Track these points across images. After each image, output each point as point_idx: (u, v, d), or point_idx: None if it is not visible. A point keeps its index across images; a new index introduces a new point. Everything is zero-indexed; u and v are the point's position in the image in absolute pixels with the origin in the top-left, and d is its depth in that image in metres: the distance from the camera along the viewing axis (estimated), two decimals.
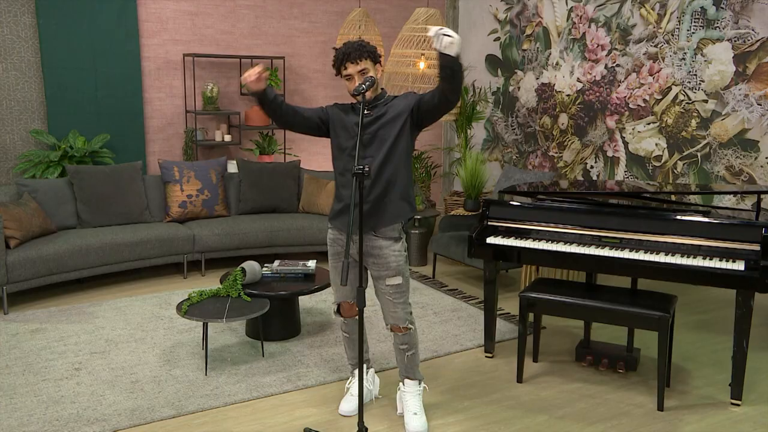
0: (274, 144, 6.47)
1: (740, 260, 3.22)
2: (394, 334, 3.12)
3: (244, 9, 6.44)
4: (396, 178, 2.96)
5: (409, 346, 3.12)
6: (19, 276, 4.49)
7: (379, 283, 3.04)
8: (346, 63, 2.86)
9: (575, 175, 6.36)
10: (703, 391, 3.54)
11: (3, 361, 3.76)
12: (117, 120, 5.98)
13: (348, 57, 2.85)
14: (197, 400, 3.33)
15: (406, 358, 3.14)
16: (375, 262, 3.01)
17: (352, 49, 2.86)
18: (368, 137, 2.94)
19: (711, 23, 5.17)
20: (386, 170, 2.94)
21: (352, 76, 2.88)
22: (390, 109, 2.95)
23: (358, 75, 2.87)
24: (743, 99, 5.03)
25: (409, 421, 3.09)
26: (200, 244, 5.29)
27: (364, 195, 2.94)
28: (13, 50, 5.54)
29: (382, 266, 3.00)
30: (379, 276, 3.02)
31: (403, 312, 3.07)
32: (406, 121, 2.93)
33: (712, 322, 4.58)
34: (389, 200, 2.96)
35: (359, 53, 2.85)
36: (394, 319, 3.07)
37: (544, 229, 3.67)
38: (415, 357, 3.15)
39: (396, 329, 3.10)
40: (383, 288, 3.03)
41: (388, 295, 3.03)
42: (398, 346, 3.13)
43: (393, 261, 2.99)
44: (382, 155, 2.92)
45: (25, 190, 5.01)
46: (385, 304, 3.07)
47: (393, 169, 2.94)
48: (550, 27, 6.47)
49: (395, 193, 2.97)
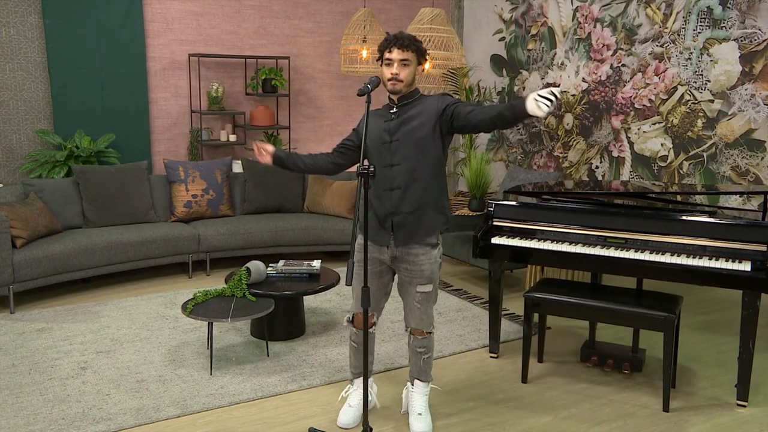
0: (279, 144, 6.48)
1: (746, 261, 3.20)
2: (413, 337, 3.08)
3: (249, 9, 6.45)
4: (428, 189, 2.89)
5: (427, 350, 3.09)
6: (25, 275, 4.51)
7: (409, 289, 2.99)
8: (394, 47, 2.82)
9: (580, 175, 6.35)
10: (709, 392, 3.52)
11: (9, 360, 3.77)
12: (122, 120, 5.99)
13: (399, 41, 2.81)
14: (202, 400, 3.34)
15: (422, 361, 3.11)
16: (408, 269, 2.95)
17: (404, 36, 2.83)
18: (396, 143, 2.87)
19: (717, 23, 5.15)
20: (417, 180, 2.86)
21: (392, 62, 2.83)
22: (419, 111, 2.88)
23: (398, 63, 2.82)
24: (750, 99, 5.01)
25: (414, 421, 3.08)
26: (205, 243, 5.30)
27: (395, 206, 2.89)
28: (19, 50, 5.57)
29: (415, 273, 2.94)
30: (410, 282, 2.97)
31: (428, 318, 3.03)
32: (435, 125, 2.86)
33: (718, 322, 4.56)
34: (422, 213, 2.89)
35: (410, 43, 2.82)
36: (417, 323, 3.04)
37: (549, 230, 3.66)
38: (430, 360, 3.13)
39: (417, 333, 3.06)
40: (412, 293, 2.98)
41: (416, 301, 2.99)
42: (415, 348, 3.09)
43: (427, 269, 2.94)
44: (410, 163, 2.85)
45: (31, 189, 5.03)
46: (412, 309, 3.02)
47: (424, 178, 2.87)
48: (555, 27, 6.46)
49: (428, 206, 2.90)
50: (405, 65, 2.83)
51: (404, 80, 2.84)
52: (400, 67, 2.82)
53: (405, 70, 2.83)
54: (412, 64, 2.85)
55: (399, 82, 2.84)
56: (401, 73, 2.83)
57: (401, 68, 2.82)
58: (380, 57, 2.89)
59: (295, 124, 6.84)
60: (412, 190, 2.88)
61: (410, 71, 2.84)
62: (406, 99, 2.91)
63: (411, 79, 2.86)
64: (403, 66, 2.83)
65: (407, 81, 2.85)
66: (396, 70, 2.82)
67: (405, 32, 2.88)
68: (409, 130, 2.86)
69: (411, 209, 2.88)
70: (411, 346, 3.11)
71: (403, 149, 2.86)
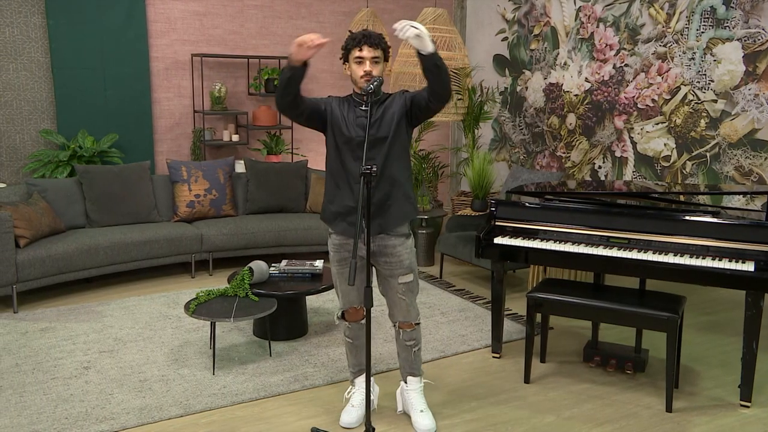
0: (281, 144, 6.48)
1: (750, 261, 3.20)
2: (401, 331, 3.11)
3: (252, 9, 6.46)
4: (398, 178, 2.96)
5: (416, 342, 3.13)
6: (28, 275, 4.52)
7: (391, 282, 3.02)
8: (365, 45, 2.84)
9: (583, 175, 6.34)
10: (712, 393, 3.52)
11: (13, 359, 3.78)
12: (125, 120, 6.00)
13: (369, 39, 2.84)
14: (205, 400, 3.34)
15: (412, 354, 3.14)
16: (387, 261, 2.99)
17: (373, 34, 2.86)
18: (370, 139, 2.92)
19: (721, 23, 5.14)
20: (388, 170, 2.93)
21: (363, 60, 2.86)
22: (387, 109, 2.94)
23: (370, 61, 2.85)
24: (753, 99, 5.00)
25: (418, 419, 3.09)
26: (208, 243, 5.30)
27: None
28: (23, 51, 5.58)
29: (395, 265, 2.98)
30: (392, 274, 3.00)
31: (414, 309, 3.07)
32: (401, 119, 2.92)
33: (721, 323, 4.55)
34: (393, 201, 2.95)
35: (379, 41, 2.86)
36: (404, 316, 3.07)
37: (551, 230, 3.66)
38: (420, 352, 3.17)
39: (405, 326, 3.09)
40: (395, 286, 3.02)
41: (399, 293, 3.02)
42: (404, 342, 3.12)
43: (406, 258, 2.98)
44: (383, 155, 2.92)
45: (34, 189, 5.04)
46: (396, 302, 3.05)
47: (394, 169, 2.94)
48: (558, 27, 6.45)
49: (398, 193, 2.96)
50: (376, 62, 2.87)
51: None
52: (372, 64, 2.86)
53: (377, 67, 2.88)
54: (381, 61, 2.90)
55: None
56: (374, 70, 2.87)
57: (373, 65, 2.87)
58: (346, 55, 2.92)
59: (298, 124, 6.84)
60: (383, 182, 2.92)
61: (380, 68, 2.90)
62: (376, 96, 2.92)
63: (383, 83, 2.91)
64: (374, 63, 2.87)
65: None
66: (369, 68, 2.86)
67: (371, 30, 2.93)
68: (381, 127, 2.91)
69: (381, 198, 2.93)
70: (400, 341, 3.14)
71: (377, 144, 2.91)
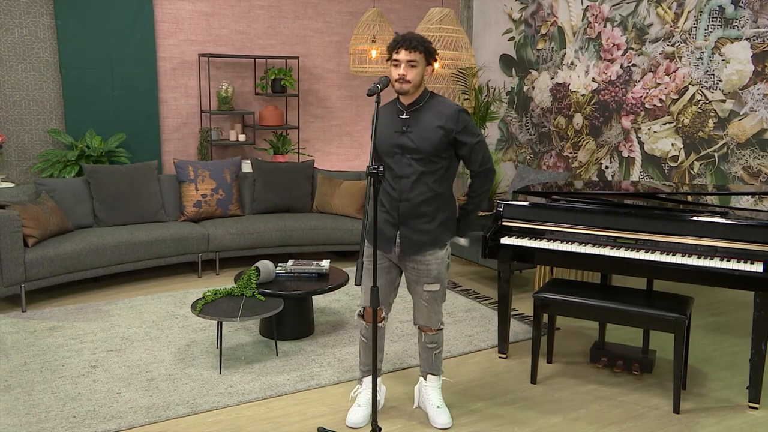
0: (288, 144, 6.49)
1: (759, 262, 3.18)
2: (423, 334, 3.11)
3: (258, 9, 6.47)
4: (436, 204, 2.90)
5: (437, 345, 3.13)
6: (36, 274, 4.54)
7: (416, 288, 3.01)
8: (402, 47, 2.81)
9: (590, 175, 6.32)
10: (720, 394, 3.50)
11: (21, 358, 3.80)
12: (133, 120, 6.03)
13: (406, 42, 2.80)
14: (211, 399, 3.35)
15: (433, 356, 3.15)
16: (415, 268, 2.96)
17: (412, 37, 2.82)
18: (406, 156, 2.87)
19: (729, 22, 5.12)
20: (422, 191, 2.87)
21: (399, 63, 2.82)
22: (429, 115, 2.87)
23: (406, 64, 2.81)
24: (762, 99, 4.97)
25: (435, 415, 3.11)
26: (215, 243, 5.31)
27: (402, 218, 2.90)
28: (31, 51, 5.61)
29: (422, 272, 2.95)
30: (417, 281, 2.98)
31: (436, 316, 3.05)
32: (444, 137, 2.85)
33: (730, 324, 4.53)
34: (430, 229, 2.89)
35: (418, 43, 2.81)
36: (425, 321, 3.06)
37: (558, 230, 3.65)
38: (441, 354, 3.18)
39: (426, 330, 3.10)
40: (420, 292, 3.00)
41: (423, 299, 3.00)
42: (426, 344, 3.13)
43: (435, 269, 2.95)
44: (417, 171, 2.86)
45: (42, 189, 5.06)
46: (420, 307, 3.04)
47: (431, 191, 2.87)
48: (565, 26, 6.44)
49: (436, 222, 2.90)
50: (412, 66, 2.82)
51: (411, 81, 2.83)
52: (407, 68, 2.81)
53: (412, 71, 2.82)
54: (420, 65, 2.83)
55: (406, 83, 2.83)
56: (408, 74, 2.82)
57: (408, 69, 2.82)
58: (389, 57, 2.89)
59: (305, 124, 6.85)
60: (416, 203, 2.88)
61: (418, 72, 2.83)
62: (414, 105, 2.90)
63: (419, 81, 2.85)
64: (410, 67, 2.82)
65: (415, 82, 2.84)
66: (403, 71, 2.81)
67: (414, 33, 2.87)
68: (418, 137, 2.86)
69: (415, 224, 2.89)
70: (422, 342, 3.15)
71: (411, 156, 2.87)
